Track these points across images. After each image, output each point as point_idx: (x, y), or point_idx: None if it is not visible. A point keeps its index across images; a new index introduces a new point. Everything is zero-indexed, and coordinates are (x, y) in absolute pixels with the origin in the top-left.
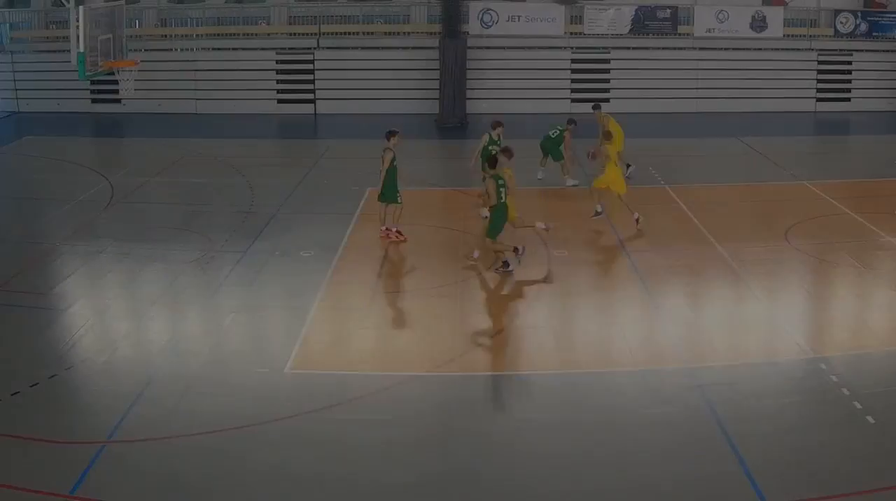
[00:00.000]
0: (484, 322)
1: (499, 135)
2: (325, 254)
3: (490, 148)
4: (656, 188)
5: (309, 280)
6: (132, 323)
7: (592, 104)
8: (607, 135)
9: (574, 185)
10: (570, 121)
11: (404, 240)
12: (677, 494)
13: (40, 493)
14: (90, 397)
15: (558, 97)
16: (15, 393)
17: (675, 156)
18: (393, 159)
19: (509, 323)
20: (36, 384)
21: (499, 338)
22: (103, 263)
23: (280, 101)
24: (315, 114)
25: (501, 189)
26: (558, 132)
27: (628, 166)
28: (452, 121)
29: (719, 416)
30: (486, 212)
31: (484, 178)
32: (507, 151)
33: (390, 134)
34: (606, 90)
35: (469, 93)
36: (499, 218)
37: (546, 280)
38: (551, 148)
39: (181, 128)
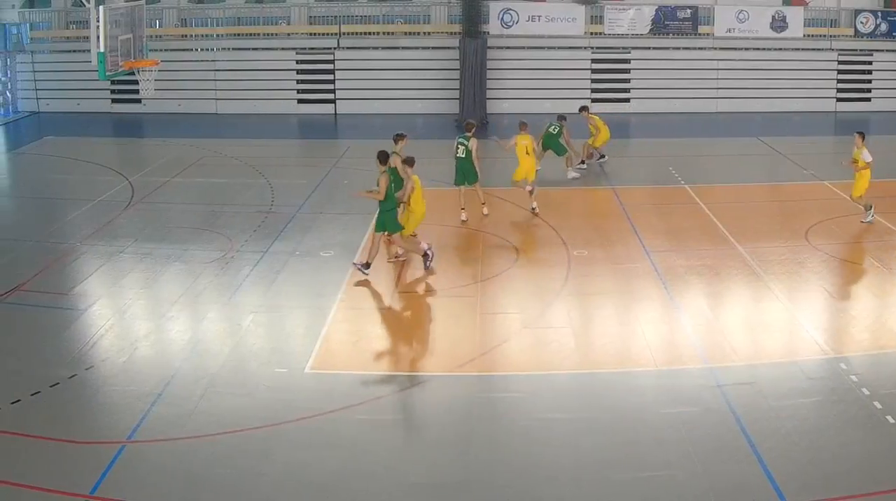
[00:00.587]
0: (503, 322)
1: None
2: (345, 254)
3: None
4: (676, 188)
5: (329, 280)
6: (152, 323)
7: (580, 107)
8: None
9: (575, 178)
10: (562, 118)
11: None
12: (697, 493)
13: (60, 493)
14: (110, 397)
15: (578, 97)
16: (35, 393)
17: (695, 156)
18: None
19: (529, 322)
20: (56, 384)
21: (518, 338)
22: (123, 263)
23: (300, 101)
24: (335, 114)
25: (393, 184)
26: (558, 128)
27: (602, 156)
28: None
29: (739, 416)
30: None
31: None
32: (409, 161)
33: (398, 137)
34: (626, 90)
35: (489, 93)
36: (394, 213)
37: (566, 279)
38: (552, 143)
39: (201, 128)
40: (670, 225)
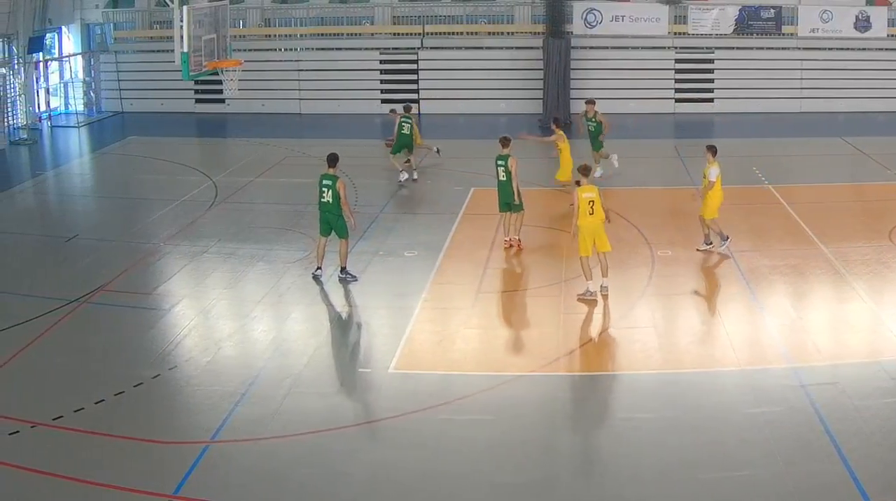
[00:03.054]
0: (588, 321)
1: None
2: (428, 254)
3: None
4: (760, 188)
5: (413, 280)
6: (236, 322)
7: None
8: None
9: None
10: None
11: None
12: (781, 493)
13: (144, 493)
14: (194, 397)
15: (662, 97)
16: (119, 393)
17: (778, 156)
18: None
19: (613, 322)
20: (140, 384)
21: (602, 338)
22: (207, 263)
23: (384, 101)
24: (419, 114)
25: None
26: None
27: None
28: None
29: (822, 416)
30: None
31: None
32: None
33: (506, 140)
34: (710, 90)
35: (573, 93)
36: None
37: (649, 279)
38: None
39: (285, 128)
40: (754, 225)
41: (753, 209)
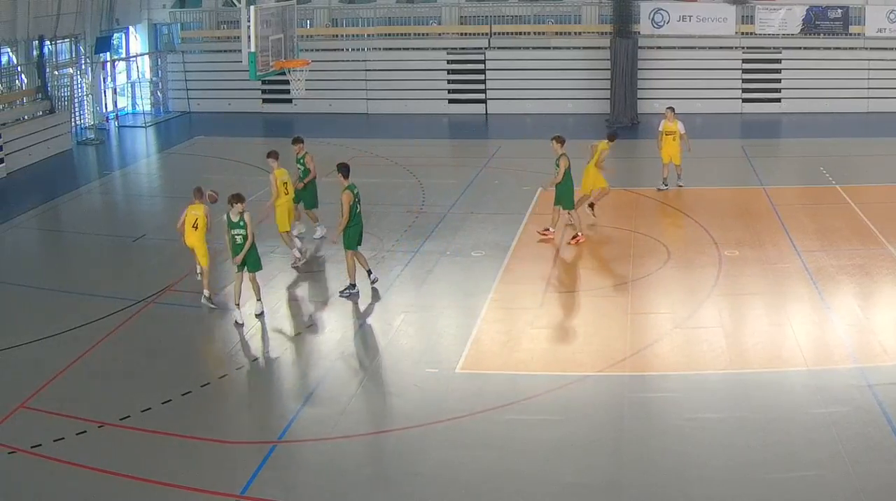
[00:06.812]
0: (654, 321)
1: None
2: (495, 254)
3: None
4: (828, 188)
5: (480, 280)
6: (303, 322)
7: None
8: None
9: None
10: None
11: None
12: (848, 493)
13: (211, 493)
14: (261, 397)
15: (729, 97)
16: (186, 393)
17: (846, 157)
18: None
19: (680, 322)
20: (207, 384)
21: (669, 338)
22: (274, 262)
23: (451, 101)
24: (486, 113)
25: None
26: None
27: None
28: (624, 120)
29: (889, 416)
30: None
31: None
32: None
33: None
34: (777, 90)
35: (640, 93)
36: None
37: (717, 280)
38: None
39: (352, 128)
40: (821, 225)
41: (820, 209)
